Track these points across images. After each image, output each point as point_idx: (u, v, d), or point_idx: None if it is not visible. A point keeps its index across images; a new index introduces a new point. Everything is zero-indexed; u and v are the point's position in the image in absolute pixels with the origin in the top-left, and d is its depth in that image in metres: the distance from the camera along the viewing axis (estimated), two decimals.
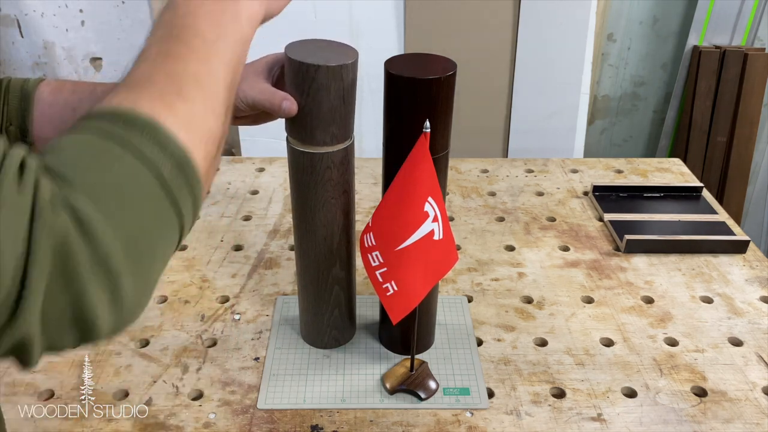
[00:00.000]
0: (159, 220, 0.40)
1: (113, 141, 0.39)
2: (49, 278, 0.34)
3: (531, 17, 1.64)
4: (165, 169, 0.39)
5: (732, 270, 0.98)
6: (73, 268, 0.35)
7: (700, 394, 0.77)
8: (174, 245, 0.42)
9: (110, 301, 0.37)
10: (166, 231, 0.40)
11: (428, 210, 0.65)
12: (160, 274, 0.42)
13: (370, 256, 0.68)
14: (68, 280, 0.35)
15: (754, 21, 1.86)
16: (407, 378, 0.77)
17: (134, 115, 0.40)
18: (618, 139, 2.15)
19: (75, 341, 0.38)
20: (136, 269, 0.38)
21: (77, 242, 0.35)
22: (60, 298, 0.35)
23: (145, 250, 0.39)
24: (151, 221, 0.39)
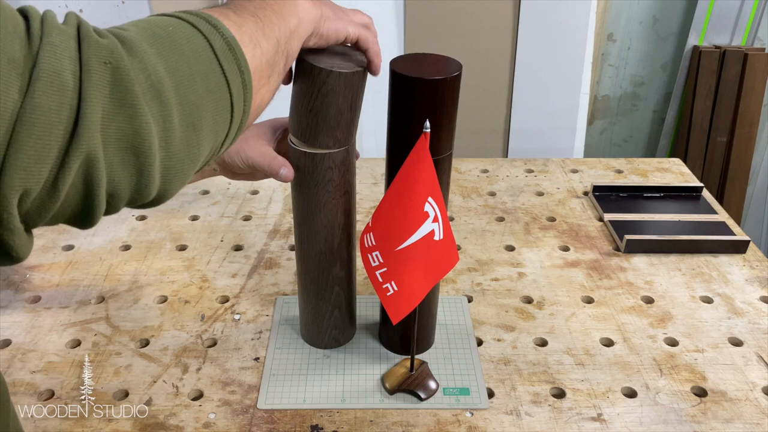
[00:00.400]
0: (209, 81, 0.41)
1: (169, 16, 0.43)
2: (104, 92, 0.35)
3: (531, 17, 1.64)
4: (216, 41, 0.42)
5: (732, 270, 0.98)
6: (124, 82, 0.36)
7: (700, 394, 0.77)
8: (224, 126, 0.44)
9: (162, 133, 0.38)
10: (216, 96, 0.42)
11: (428, 210, 0.65)
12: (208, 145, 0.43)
13: (370, 256, 0.68)
14: (122, 94, 0.36)
15: (754, 21, 1.86)
16: (407, 378, 0.77)
17: (194, 10, 0.45)
18: (618, 139, 2.15)
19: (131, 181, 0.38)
20: (185, 113, 0.40)
21: (126, 60, 0.36)
22: (117, 112, 0.36)
23: (195, 100, 0.40)
24: (200, 78, 0.41)
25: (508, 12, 1.65)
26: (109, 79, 0.36)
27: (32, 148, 0.33)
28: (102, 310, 0.89)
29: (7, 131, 0.32)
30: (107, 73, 0.36)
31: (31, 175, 0.33)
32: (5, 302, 0.89)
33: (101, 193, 0.37)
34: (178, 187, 0.42)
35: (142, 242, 1.02)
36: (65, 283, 0.93)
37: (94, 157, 0.35)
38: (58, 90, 0.34)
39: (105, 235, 1.04)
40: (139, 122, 0.37)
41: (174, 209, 1.11)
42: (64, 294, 0.91)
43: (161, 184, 0.40)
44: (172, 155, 0.40)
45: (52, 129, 0.33)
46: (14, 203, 0.33)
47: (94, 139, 0.35)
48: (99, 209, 0.38)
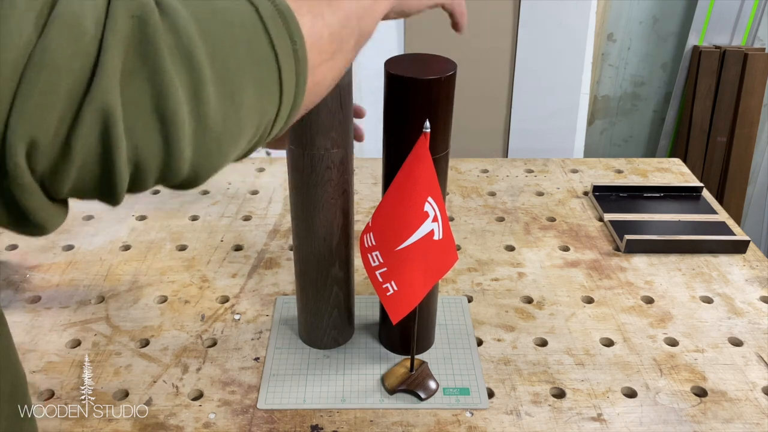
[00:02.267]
0: (251, 49, 0.37)
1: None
2: (127, 46, 0.32)
3: (531, 18, 1.64)
4: (264, 8, 0.38)
5: (732, 270, 0.98)
6: (150, 38, 0.33)
7: (700, 394, 0.77)
8: (273, 104, 0.40)
9: (193, 102, 0.35)
10: (260, 67, 0.38)
11: (428, 210, 0.65)
12: (252, 123, 0.39)
13: (370, 256, 0.68)
14: (146, 50, 0.33)
15: (754, 21, 1.86)
16: (407, 378, 0.77)
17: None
18: (618, 139, 2.15)
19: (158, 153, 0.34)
20: (221, 83, 0.36)
21: (156, 17, 0.33)
22: (139, 70, 0.33)
23: (234, 69, 0.36)
24: (242, 46, 0.37)
25: (508, 12, 1.65)
26: (135, 33, 0.33)
27: (40, 93, 0.30)
28: (102, 310, 0.89)
29: (15, 71, 0.30)
30: (133, 25, 0.33)
31: (37, 122, 0.31)
32: (5, 302, 0.89)
33: (121, 159, 0.33)
34: (215, 166, 0.38)
35: (142, 242, 1.02)
36: (65, 283, 0.93)
37: (110, 114, 0.32)
38: (74, 35, 0.31)
39: (105, 235, 1.04)
40: (162, 82, 0.33)
41: (174, 209, 1.11)
42: (64, 294, 0.91)
43: (194, 159, 0.36)
44: (207, 128, 0.36)
45: (63, 75, 0.31)
46: (20, 153, 0.31)
47: (110, 92, 0.32)
48: (120, 179, 0.34)
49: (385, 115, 0.68)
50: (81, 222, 1.07)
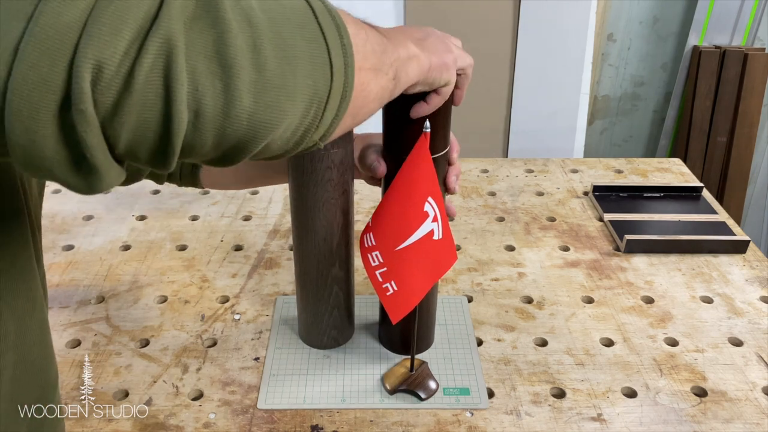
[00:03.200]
0: (305, 30, 0.39)
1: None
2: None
3: (531, 17, 1.64)
4: (315, 3, 0.40)
5: (732, 270, 0.98)
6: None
7: (700, 394, 0.77)
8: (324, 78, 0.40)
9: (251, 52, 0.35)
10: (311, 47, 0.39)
11: (428, 210, 0.65)
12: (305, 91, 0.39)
13: (370, 256, 0.68)
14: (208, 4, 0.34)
15: (754, 21, 1.86)
16: (407, 378, 0.77)
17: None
18: (618, 139, 2.15)
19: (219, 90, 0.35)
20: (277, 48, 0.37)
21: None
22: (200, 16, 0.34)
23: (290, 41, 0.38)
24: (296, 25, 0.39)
25: (508, 12, 1.65)
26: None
27: (109, 18, 0.31)
28: (102, 310, 0.89)
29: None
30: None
31: (105, 46, 0.31)
32: None
33: (180, 97, 0.33)
34: (273, 122, 0.38)
35: (142, 242, 1.02)
36: (65, 283, 0.93)
37: (173, 46, 0.33)
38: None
39: (105, 235, 1.04)
40: (223, 28, 0.34)
41: (174, 209, 1.11)
42: (64, 294, 0.91)
43: (252, 109, 0.36)
44: (265, 80, 0.36)
45: (133, 3, 0.32)
46: (86, 77, 0.31)
47: (174, 25, 0.32)
48: (179, 125, 0.34)
49: (384, 115, 0.68)
50: (81, 222, 1.07)
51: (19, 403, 0.52)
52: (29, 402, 0.53)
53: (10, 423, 0.51)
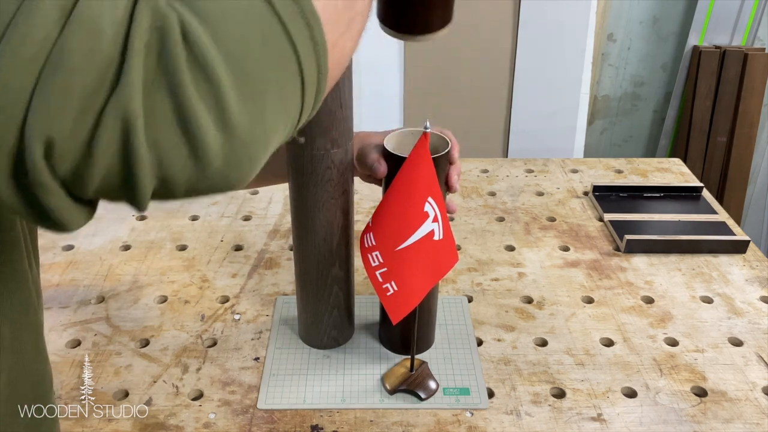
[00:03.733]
0: (267, 44, 0.36)
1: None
2: (147, 58, 0.32)
3: (531, 17, 1.64)
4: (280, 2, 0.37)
5: (732, 270, 0.98)
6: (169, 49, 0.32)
7: (700, 394, 0.77)
8: (296, 97, 0.38)
9: (215, 112, 0.33)
10: (278, 62, 0.37)
11: (428, 210, 0.65)
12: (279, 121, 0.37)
13: (370, 256, 0.68)
14: (166, 61, 0.32)
15: (754, 21, 1.86)
16: (407, 378, 0.77)
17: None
18: (618, 139, 2.15)
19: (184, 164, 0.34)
20: (242, 88, 0.35)
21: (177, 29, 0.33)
22: (158, 81, 0.32)
23: (253, 71, 0.35)
24: (257, 42, 0.36)
25: (508, 12, 1.65)
26: (156, 45, 0.32)
27: (56, 92, 0.30)
28: (102, 310, 0.89)
29: (34, 67, 0.30)
30: (156, 37, 0.32)
31: (53, 121, 0.30)
32: None
33: (143, 170, 0.33)
34: (247, 173, 0.37)
35: (142, 242, 1.02)
36: (65, 283, 0.93)
37: (132, 121, 0.31)
38: (93, 36, 0.31)
39: (105, 235, 1.04)
40: (183, 95, 0.32)
41: (174, 209, 1.11)
42: (64, 294, 0.91)
43: (225, 169, 0.35)
44: (232, 136, 0.35)
45: (79, 76, 0.30)
46: (37, 151, 0.30)
47: (133, 100, 0.31)
48: (143, 190, 0.34)
49: None
50: None
51: (17, 404, 0.51)
52: (26, 403, 0.53)
53: (9, 424, 0.51)
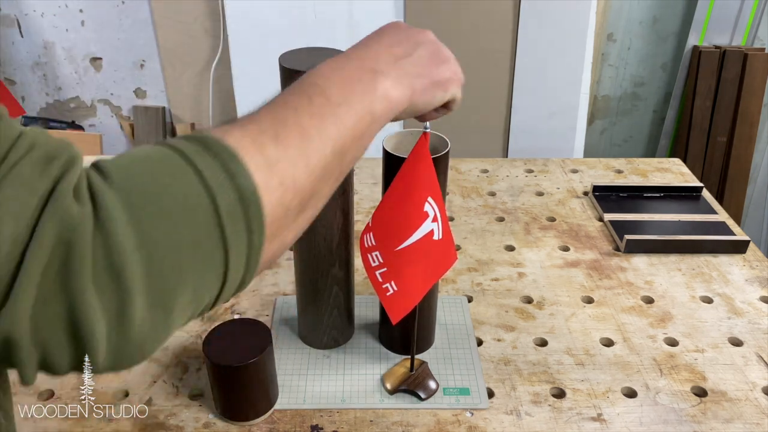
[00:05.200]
0: (198, 249, 0.35)
1: (180, 155, 0.36)
2: (46, 271, 0.31)
3: (531, 17, 1.64)
4: (224, 198, 0.36)
5: (732, 270, 0.98)
6: (74, 265, 0.31)
7: (700, 394, 0.77)
8: (211, 294, 0.37)
9: (115, 320, 0.33)
10: (203, 267, 0.36)
11: (428, 210, 0.65)
12: (185, 317, 0.37)
13: (370, 256, 0.68)
14: (66, 278, 0.31)
15: (754, 21, 1.86)
16: (407, 378, 0.77)
17: (215, 140, 0.37)
18: (618, 139, 2.15)
19: (69, 361, 0.34)
20: (154, 294, 0.34)
21: (87, 238, 0.32)
22: (55, 297, 0.32)
23: (172, 277, 0.34)
24: (187, 246, 0.35)
25: (508, 12, 1.65)
26: (59, 259, 0.31)
27: None
28: None
29: None
30: (59, 252, 0.31)
31: None
32: None
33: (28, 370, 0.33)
34: (137, 363, 0.36)
35: None
36: None
37: (15, 343, 0.31)
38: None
39: None
40: (80, 307, 0.32)
41: None
42: None
43: (111, 365, 0.35)
44: (128, 340, 0.34)
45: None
46: None
47: (18, 324, 0.31)
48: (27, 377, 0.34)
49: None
50: None
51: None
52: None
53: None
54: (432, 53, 0.52)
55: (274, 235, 0.40)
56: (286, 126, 0.41)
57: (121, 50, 2.01)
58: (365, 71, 0.47)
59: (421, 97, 0.51)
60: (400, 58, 0.50)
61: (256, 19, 1.71)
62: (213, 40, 1.93)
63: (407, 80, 0.49)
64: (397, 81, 0.48)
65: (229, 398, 0.70)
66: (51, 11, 1.95)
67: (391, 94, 0.47)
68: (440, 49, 0.54)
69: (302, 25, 1.68)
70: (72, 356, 0.33)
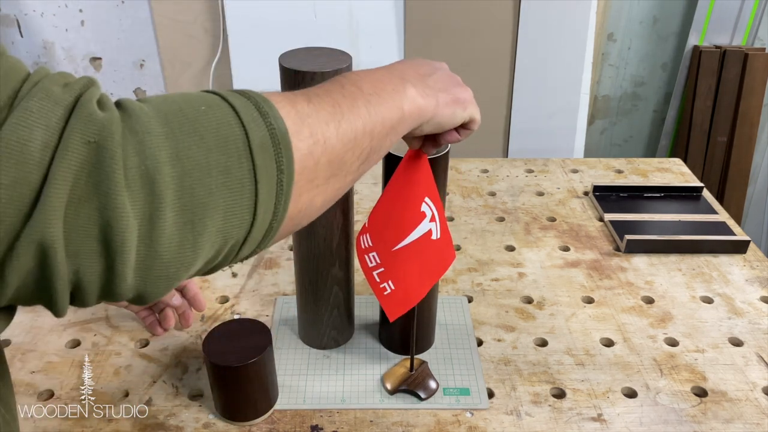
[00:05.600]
0: (229, 176, 0.36)
1: (215, 95, 0.38)
2: (77, 172, 0.31)
3: (531, 17, 1.64)
4: (256, 132, 0.37)
5: (732, 270, 0.97)
6: (105, 167, 0.31)
7: (700, 394, 0.77)
8: (240, 230, 0.37)
9: (146, 229, 0.33)
10: (233, 195, 0.36)
11: (425, 210, 0.64)
12: (213, 248, 0.37)
13: (367, 257, 0.68)
14: (98, 179, 0.31)
15: (754, 21, 1.86)
16: (407, 378, 0.77)
17: (251, 92, 0.40)
18: (618, 139, 2.14)
19: (100, 276, 0.33)
20: (184, 211, 0.34)
21: (116, 139, 0.32)
22: (87, 199, 0.31)
23: (202, 197, 0.35)
24: (219, 170, 0.35)
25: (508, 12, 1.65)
26: (89, 160, 0.31)
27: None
28: (102, 310, 0.89)
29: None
30: (89, 152, 0.31)
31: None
32: None
33: (61, 285, 0.32)
34: (161, 291, 0.36)
35: None
36: None
37: (49, 247, 0.31)
38: (16, 162, 0.30)
39: None
40: (113, 211, 0.32)
41: None
42: None
43: (138, 284, 0.35)
44: (156, 255, 0.34)
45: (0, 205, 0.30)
46: None
47: (51, 226, 0.30)
48: (61, 301, 0.34)
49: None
50: None
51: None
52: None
53: None
54: (450, 76, 0.56)
55: (302, 188, 0.40)
56: (318, 96, 0.43)
57: (120, 50, 2.01)
58: (394, 77, 0.50)
59: (444, 110, 0.53)
60: (424, 75, 0.53)
61: (256, 19, 1.71)
62: (213, 40, 1.93)
63: (432, 92, 0.52)
64: (423, 92, 0.51)
65: (229, 398, 0.70)
66: (51, 11, 1.95)
67: (418, 100, 0.50)
68: (455, 75, 0.57)
69: (302, 25, 1.68)
70: (103, 268, 0.33)
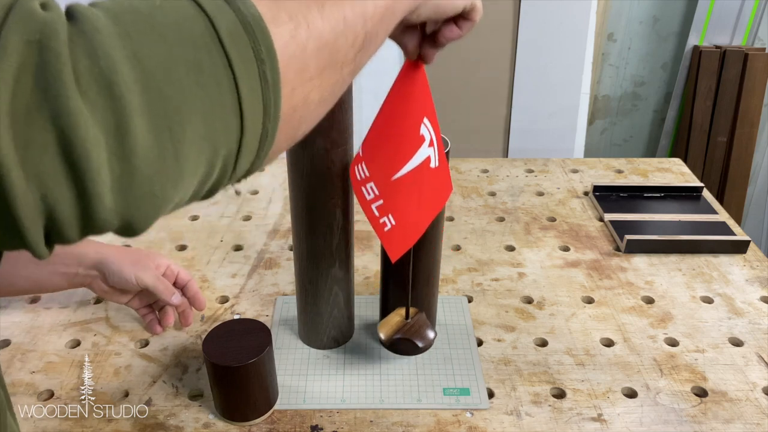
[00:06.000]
0: (200, 71, 0.31)
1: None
2: (18, 76, 0.27)
3: (531, 17, 1.64)
4: (222, 20, 0.32)
5: (732, 270, 0.97)
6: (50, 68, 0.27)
7: (700, 394, 0.77)
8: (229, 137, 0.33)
9: (113, 139, 0.29)
10: (210, 93, 0.32)
11: (424, 133, 0.59)
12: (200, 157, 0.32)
13: (364, 188, 0.62)
14: (45, 83, 0.27)
15: (754, 21, 1.86)
16: (403, 326, 0.75)
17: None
18: (618, 139, 2.14)
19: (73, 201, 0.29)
20: (156, 115, 0.30)
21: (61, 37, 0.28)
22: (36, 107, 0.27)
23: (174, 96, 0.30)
24: (186, 64, 0.31)
25: (508, 12, 1.65)
26: (31, 61, 0.27)
27: None
28: (102, 310, 0.89)
29: None
30: (29, 53, 0.27)
31: None
32: (5, 302, 0.89)
33: (24, 211, 0.28)
34: (151, 213, 0.32)
35: (142, 242, 1.02)
36: None
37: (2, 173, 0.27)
38: None
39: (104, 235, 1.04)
40: (68, 119, 0.27)
41: None
42: (63, 294, 0.91)
43: (121, 208, 0.30)
44: (134, 170, 0.29)
45: None
46: None
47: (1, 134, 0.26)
48: (31, 233, 0.29)
49: None
50: None
51: None
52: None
53: None
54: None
55: (293, 82, 0.36)
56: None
57: None
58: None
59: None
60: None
61: None
62: None
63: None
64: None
65: (228, 398, 0.70)
66: None
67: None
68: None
69: None
70: (75, 192, 0.29)
